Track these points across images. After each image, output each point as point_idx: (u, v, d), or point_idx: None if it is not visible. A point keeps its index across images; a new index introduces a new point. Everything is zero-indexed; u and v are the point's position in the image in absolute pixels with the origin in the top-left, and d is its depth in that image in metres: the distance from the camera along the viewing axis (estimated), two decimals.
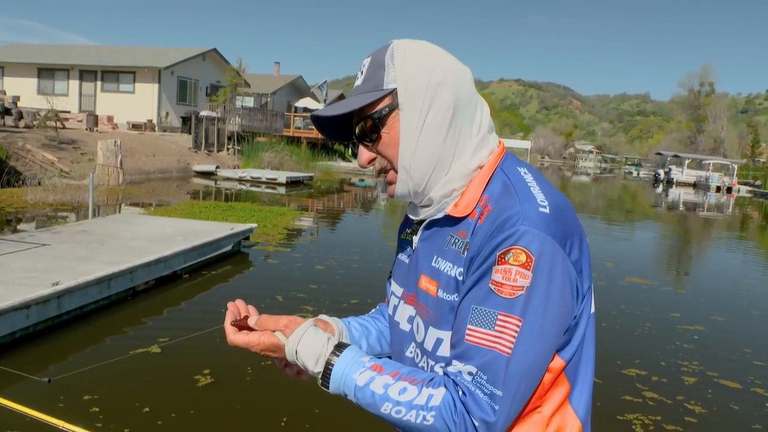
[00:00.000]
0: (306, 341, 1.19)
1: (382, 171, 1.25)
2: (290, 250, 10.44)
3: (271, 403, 4.60)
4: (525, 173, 1.20)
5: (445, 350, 1.18)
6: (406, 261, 1.35)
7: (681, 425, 4.77)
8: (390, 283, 1.44)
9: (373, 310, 1.59)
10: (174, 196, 18.08)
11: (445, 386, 1.09)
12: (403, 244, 1.40)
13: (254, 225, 10.24)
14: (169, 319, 6.47)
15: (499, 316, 1.06)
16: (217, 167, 25.74)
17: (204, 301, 7.20)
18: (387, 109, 1.18)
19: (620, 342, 6.64)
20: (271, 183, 23.55)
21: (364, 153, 1.25)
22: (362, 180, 30.43)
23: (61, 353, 5.34)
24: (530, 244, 1.06)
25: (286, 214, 14.66)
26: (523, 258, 1.06)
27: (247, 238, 10.06)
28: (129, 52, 36.51)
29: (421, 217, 1.27)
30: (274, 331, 1.23)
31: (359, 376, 1.14)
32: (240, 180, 24.09)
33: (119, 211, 13.88)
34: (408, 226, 1.39)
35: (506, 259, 1.06)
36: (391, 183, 1.25)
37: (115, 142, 18.93)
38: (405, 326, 1.32)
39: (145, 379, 4.88)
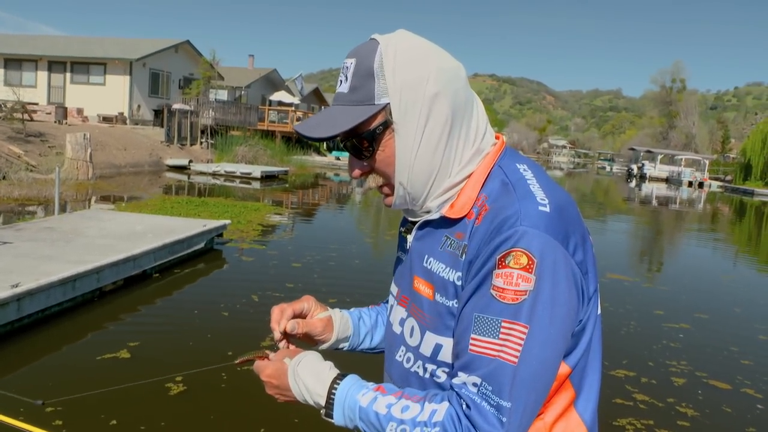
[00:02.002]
0: (307, 361, 1.18)
1: (377, 184, 1.20)
2: (265, 247, 10.14)
3: (248, 412, 4.33)
4: (524, 170, 1.14)
5: (446, 355, 1.13)
6: (403, 259, 1.31)
7: (674, 430, 4.63)
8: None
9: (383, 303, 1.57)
10: (145, 190, 17.62)
11: (449, 400, 1.05)
12: (402, 241, 1.34)
13: (228, 221, 9.94)
14: (139, 321, 6.14)
15: (503, 324, 1.00)
16: (190, 161, 25.29)
17: (176, 302, 6.88)
18: (381, 127, 1.10)
19: (606, 342, 6.35)
20: (246, 177, 23.19)
21: (355, 165, 1.18)
22: (337, 174, 30.18)
23: (20, 360, 5.00)
24: (530, 245, 1.00)
25: (261, 210, 14.34)
26: (524, 260, 1.00)
27: (221, 235, 9.75)
28: (99, 43, 35.67)
29: (417, 218, 1.22)
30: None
31: (362, 397, 1.10)
32: (214, 174, 23.66)
33: (88, 207, 13.42)
34: (405, 224, 1.33)
35: (506, 262, 1.01)
36: (387, 195, 1.20)
37: (85, 135, 18.39)
38: (396, 329, 1.27)
39: (112, 387, 4.57)
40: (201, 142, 30.08)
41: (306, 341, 1.38)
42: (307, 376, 1.15)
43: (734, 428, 4.80)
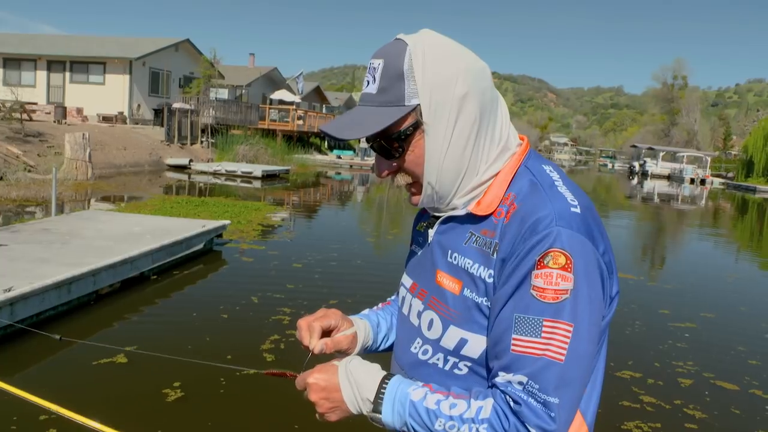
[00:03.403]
0: (357, 360, 1.20)
1: (405, 183, 1.21)
2: (266, 247, 10.03)
3: (247, 419, 4.23)
4: (551, 171, 1.17)
5: (470, 350, 1.15)
6: (419, 254, 1.32)
7: None
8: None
9: (392, 299, 1.58)
10: (145, 190, 17.53)
11: (493, 398, 1.06)
12: (418, 235, 1.36)
13: (227, 221, 9.82)
14: (136, 324, 6.05)
15: (545, 323, 1.03)
16: (191, 161, 25.18)
17: (174, 304, 6.79)
18: (411, 128, 1.12)
19: (611, 341, 6.13)
20: (247, 177, 23.09)
21: (383, 165, 1.20)
22: (338, 173, 30.08)
23: (14, 366, 4.90)
24: (567, 245, 1.03)
25: (261, 209, 14.24)
26: (562, 260, 1.02)
27: (220, 236, 9.65)
28: (99, 42, 35.56)
29: (441, 213, 1.23)
30: None
31: (413, 391, 1.11)
32: (214, 174, 23.57)
33: (87, 208, 13.31)
34: (424, 218, 1.35)
35: (545, 262, 1.03)
36: (414, 194, 1.22)
37: (84, 135, 18.29)
38: (414, 320, 1.28)
39: (108, 393, 4.47)
40: (201, 142, 29.98)
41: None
42: (358, 372, 1.15)
43: (743, 431, 4.70)
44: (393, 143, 1.14)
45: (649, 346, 6.42)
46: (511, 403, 1.03)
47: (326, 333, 1.35)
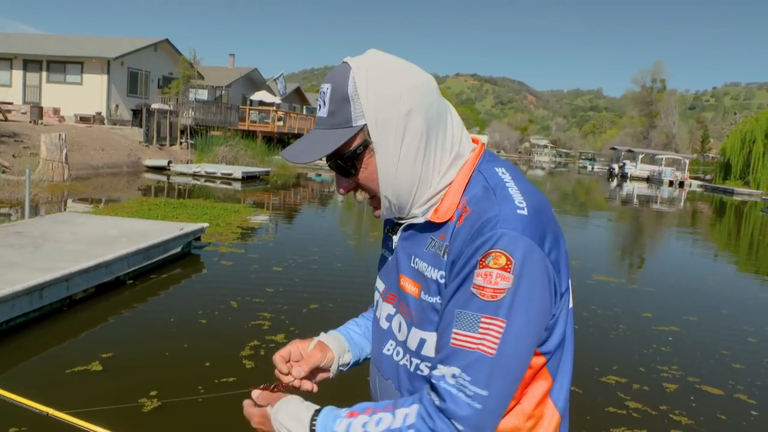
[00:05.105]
0: (286, 408, 1.22)
1: (364, 198, 1.27)
2: (245, 250, 9.87)
3: (225, 429, 4.10)
4: (503, 173, 1.21)
5: (428, 350, 1.20)
6: (388, 257, 1.37)
7: None
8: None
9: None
10: (123, 192, 17.23)
11: (420, 401, 1.12)
12: (386, 239, 1.40)
13: (206, 224, 9.63)
14: (111, 330, 5.87)
15: (483, 319, 1.07)
16: (170, 162, 24.82)
17: (151, 310, 6.61)
18: (361, 147, 1.18)
19: (596, 346, 6.34)
20: (226, 178, 22.84)
21: (341, 183, 1.26)
22: (319, 175, 29.92)
23: None
24: (509, 246, 1.07)
25: (241, 212, 14.04)
26: (503, 261, 1.07)
27: (199, 239, 9.45)
28: (76, 41, 35.05)
29: (403, 221, 1.28)
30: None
31: (338, 427, 1.14)
32: (194, 175, 23.27)
33: (63, 210, 13.03)
34: (390, 222, 1.38)
35: (486, 262, 1.08)
36: (376, 208, 1.28)
37: (60, 135, 17.94)
38: (384, 324, 1.34)
39: (82, 402, 4.30)
40: (181, 143, 29.62)
41: (317, 376, 1.45)
42: (287, 420, 1.19)
43: None
44: (347, 162, 1.20)
45: (634, 351, 6.37)
46: (437, 401, 1.08)
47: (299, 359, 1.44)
